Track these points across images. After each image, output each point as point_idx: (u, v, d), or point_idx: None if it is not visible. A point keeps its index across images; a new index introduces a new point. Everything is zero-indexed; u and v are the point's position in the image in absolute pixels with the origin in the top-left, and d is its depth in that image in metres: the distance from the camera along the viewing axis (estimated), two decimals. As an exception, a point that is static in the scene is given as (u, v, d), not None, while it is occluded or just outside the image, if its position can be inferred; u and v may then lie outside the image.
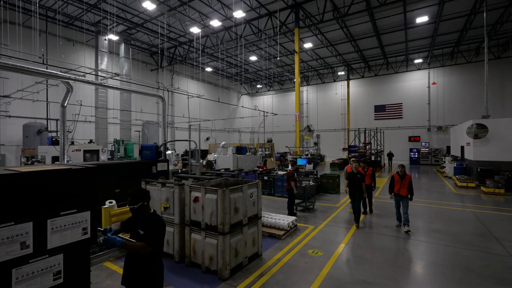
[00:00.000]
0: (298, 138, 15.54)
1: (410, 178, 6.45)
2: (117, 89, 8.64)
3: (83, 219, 2.19)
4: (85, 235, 2.20)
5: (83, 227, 2.19)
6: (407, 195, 6.40)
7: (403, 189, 6.41)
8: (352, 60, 25.96)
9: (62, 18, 16.62)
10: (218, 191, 4.16)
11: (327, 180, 11.34)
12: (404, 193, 6.40)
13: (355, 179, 6.91)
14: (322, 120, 30.89)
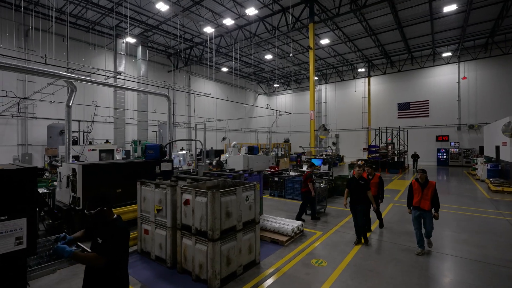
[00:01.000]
0: (312, 138, 14.90)
1: (435, 187, 5.03)
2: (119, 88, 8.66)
3: (16, 227, 1.96)
4: (20, 246, 1.97)
5: (17, 236, 1.96)
6: (430, 208, 4.98)
7: (424, 201, 4.99)
8: (373, 56, 24.68)
9: (83, 23, 17.31)
10: (207, 193, 3.85)
11: (342, 182, 10.68)
12: (427, 206, 4.97)
13: (357, 187, 5.52)
14: (341, 119, 29.74)
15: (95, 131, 18.89)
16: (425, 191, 5.05)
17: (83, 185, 5.75)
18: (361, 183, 5.51)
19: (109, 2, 15.06)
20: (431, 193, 5.01)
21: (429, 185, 5.07)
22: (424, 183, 5.11)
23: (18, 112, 15.44)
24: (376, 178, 6.42)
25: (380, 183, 6.46)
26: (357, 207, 5.51)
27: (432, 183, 5.08)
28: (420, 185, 5.12)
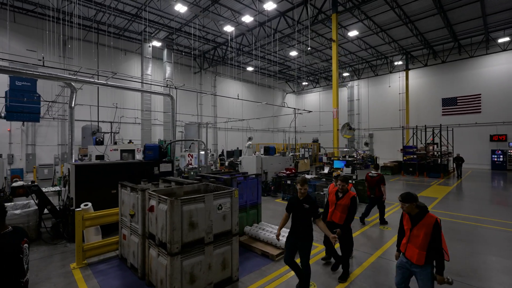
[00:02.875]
0: (336, 138, 13.73)
1: (434, 226, 2.84)
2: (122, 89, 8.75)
3: None
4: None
5: None
6: (425, 263, 2.87)
7: (412, 247, 2.95)
8: (411, 47, 22.20)
9: (113, 30, 18.40)
10: (167, 201, 3.41)
11: (363, 187, 9.51)
12: (415, 257, 2.91)
13: (300, 213, 3.66)
14: (376, 118, 27.43)
15: (124, 131, 20.02)
16: (416, 230, 2.93)
17: (76, 185, 5.76)
18: (305, 208, 3.59)
19: (133, 8, 15.70)
20: (425, 236, 2.84)
21: (424, 220, 2.88)
22: (416, 216, 2.96)
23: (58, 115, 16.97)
24: (346, 199, 4.35)
25: (352, 206, 4.29)
26: (296, 244, 3.64)
27: (430, 218, 2.87)
28: (412, 220, 3.00)
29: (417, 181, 14.89)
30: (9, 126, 15.65)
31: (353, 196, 4.30)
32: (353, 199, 4.27)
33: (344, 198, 4.36)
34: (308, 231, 3.63)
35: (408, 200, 2.97)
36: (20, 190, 6.04)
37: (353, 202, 4.28)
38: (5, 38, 15.09)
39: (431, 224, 2.85)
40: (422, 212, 2.95)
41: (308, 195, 3.74)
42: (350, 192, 4.37)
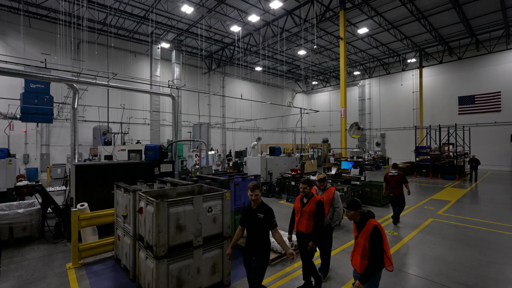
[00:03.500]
0: (343, 138, 13.36)
1: (374, 230, 2.69)
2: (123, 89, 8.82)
3: None
4: None
5: None
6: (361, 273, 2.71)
7: (356, 258, 2.85)
8: (425, 43, 21.39)
9: (123, 33, 18.77)
10: (153, 203, 3.33)
11: (370, 189, 9.19)
12: (362, 268, 2.73)
13: (254, 224, 3.16)
14: (388, 117, 26.64)
15: (134, 132, 20.38)
16: (359, 238, 2.80)
17: (76, 185, 5.83)
18: (259, 218, 3.10)
19: (141, 10, 15.93)
20: (366, 244, 2.69)
21: (365, 227, 2.74)
22: (359, 223, 2.84)
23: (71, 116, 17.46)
24: (311, 204, 3.76)
25: (318, 212, 3.71)
26: (251, 261, 3.14)
27: (369, 225, 2.71)
28: (356, 226, 2.89)
29: (430, 183, 14.29)
30: (25, 127, 16.24)
31: (318, 200, 3.78)
32: (318, 204, 3.74)
33: (309, 204, 3.78)
34: (263, 246, 3.10)
35: (353, 207, 2.84)
36: (24, 189, 6.17)
37: (319, 207, 3.74)
38: (20, 42, 15.67)
39: (369, 230, 2.71)
40: (364, 218, 2.83)
41: (263, 203, 3.22)
42: (315, 196, 3.86)
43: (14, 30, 15.46)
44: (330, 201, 4.22)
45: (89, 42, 17.94)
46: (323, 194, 4.30)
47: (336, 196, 4.25)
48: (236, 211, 5.69)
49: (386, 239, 2.74)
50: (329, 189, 4.36)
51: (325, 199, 4.18)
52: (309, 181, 3.89)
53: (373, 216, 2.86)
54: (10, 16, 15.28)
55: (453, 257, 4.93)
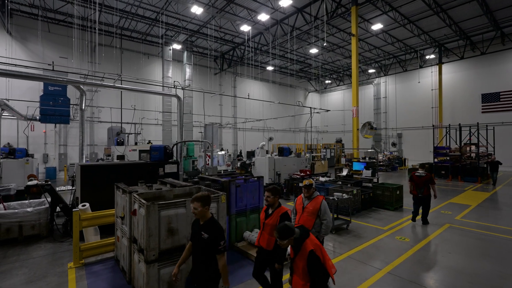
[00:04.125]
0: (355, 138, 12.91)
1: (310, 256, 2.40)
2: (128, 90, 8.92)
3: None
4: None
5: None
6: None
7: (296, 281, 2.53)
8: (445, 38, 20.33)
9: (136, 35, 19.19)
10: (144, 205, 3.26)
11: (382, 191, 8.77)
12: None
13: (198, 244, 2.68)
14: (405, 116, 25.61)
15: (147, 132, 20.79)
16: (297, 260, 2.47)
17: (82, 185, 5.92)
18: (203, 238, 2.56)
19: (153, 13, 16.19)
20: (304, 268, 2.41)
21: (301, 252, 2.43)
22: (295, 247, 2.48)
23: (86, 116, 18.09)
24: (275, 216, 3.29)
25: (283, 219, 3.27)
26: None
27: (304, 250, 2.40)
28: (293, 248, 2.52)
29: (449, 185, 13.53)
30: (44, 128, 16.94)
31: (284, 212, 3.28)
32: (283, 217, 3.22)
33: (272, 216, 3.27)
34: (206, 275, 2.56)
35: (284, 236, 2.38)
36: (34, 188, 6.37)
37: (284, 219, 3.19)
38: (40, 46, 16.38)
39: (305, 256, 2.39)
40: (298, 243, 2.46)
41: (213, 220, 2.64)
42: (281, 207, 3.36)
43: (34, 36, 16.18)
44: (316, 212, 3.71)
45: (104, 45, 18.48)
46: (309, 204, 3.78)
47: (324, 206, 3.72)
48: (238, 214, 5.57)
49: (328, 260, 2.45)
50: (316, 198, 3.80)
51: (311, 210, 3.70)
52: (275, 189, 3.36)
53: (307, 236, 2.47)
54: (30, 22, 15.99)
55: (469, 268, 4.55)
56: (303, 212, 3.78)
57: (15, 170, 10.22)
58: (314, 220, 3.69)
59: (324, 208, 3.71)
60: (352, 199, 7.58)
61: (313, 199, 3.80)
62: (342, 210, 7.62)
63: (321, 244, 3.24)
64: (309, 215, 3.70)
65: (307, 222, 3.67)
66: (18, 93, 15.42)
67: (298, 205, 3.89)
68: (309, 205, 3.77)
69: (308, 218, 3.71)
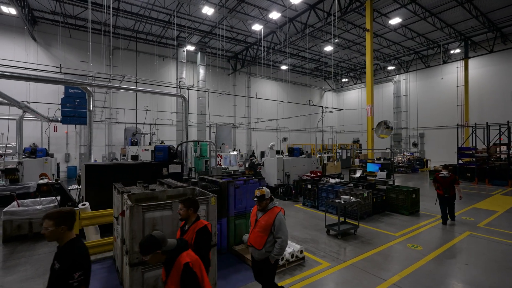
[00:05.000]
0: (370, 138, 12.31)
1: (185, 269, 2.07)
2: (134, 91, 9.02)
3: None
4: None
5: None
6: None
7: None
8: (471, 31, 18.97)
9: (151, 38, 19.67)
10: (128, 207, 3.20)
11: (396, 195, 8.25)
12: None
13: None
14: (428, 115, 24.23)
15: (162, 133, 21.24)
16: (169, 281, 2.13)
17: (86, 184, 6.05)
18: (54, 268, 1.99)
19: (166, 15, 16.49)
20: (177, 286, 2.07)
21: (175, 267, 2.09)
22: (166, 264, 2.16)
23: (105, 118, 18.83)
24: (191, 232, 2.76)
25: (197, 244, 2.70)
26: None
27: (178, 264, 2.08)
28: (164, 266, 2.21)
29: (475, 188, 12.55)
30: (66, 129, 17.80)
31: (201, 228, 2.71)
32: (200, 234, 2.67)
33: (188, 232, 2.75)
34: None
35: (146, 250, 2.01)
36: (44, 187, 6.62)
37: (200, 238, 2.66)
38: (61, 51, 17.25)
39: (179, 270, 2.03)
40: (171, 257, 2.09)
41: (72, 243, 2.03)
42: (199, 222, 2.79)
43: (57, 41, 17.05)
44: (269, 227, 3.09)
45: (121, 48, 19.11)
46: (262, 217, 3.18)
47: (279, 221, 3.09)
48: (237, 216, 5.42)
49: (207, 283, 2.14)
50: (272, 211, 3.19)
51: (263, 224, 3.12)
52: (189, 200, 2.80)
53: (185, 248, 2.13)
54: (53, 29, 16.86)
55: (488, 283, 4.08)
56: (254, 227, 3.22)
57: (35, 169, 10.79)
58: (266, 238, 3.10)
59: (279, 223, 3.08)
60: (362, 203, 7.19)
61: (268, 212, 3.18)
62: (351, 213, 7.24)
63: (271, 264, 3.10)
64: (261, 231, 3.12)
65: (257, 240, 3.13)
66: (42, 96, 16.30)
67: (252, 217, 3.34)
68: (262, 219, 3.17)
69: (258, 235, 3.13)
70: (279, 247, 3.05)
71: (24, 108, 9.97)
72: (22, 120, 11.33)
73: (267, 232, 3.11)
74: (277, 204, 3.30)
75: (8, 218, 5.87)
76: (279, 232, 3.07)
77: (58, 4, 14.82)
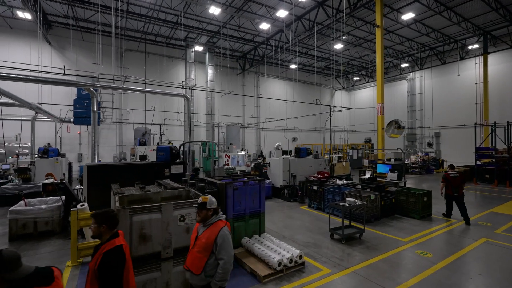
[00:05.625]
0: (380, 138, 11.87)
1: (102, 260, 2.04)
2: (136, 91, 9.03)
3: None
4: None
5: None
6: None
7: None
8: (491, 24, 18.00)
9: (160, 39, 19.91)
10: (115, 209, 3.12)
11: (406, 197, 7.86)
12: None
13: None
14: (443, 113, 23.24)
15: (172, 133, 21.44)
16: None
17: (88, 184, 6.09)
18: None
19: (174, 16, 16.61)
20: None
21: None
22: None
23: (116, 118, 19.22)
24: (96, 258, 2.12)
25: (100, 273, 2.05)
26: None
27: None
28: None
29: (495, 191, 11.86)
30: (79, 130, 18.28)
31: (110, 250, 2.09)
32: (105, 258, 2.05)
33: (94, 258, 2.15)
34: None
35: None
36: (49, 186, 6.74)
37: (106, 261, 2.05)
38: (74, 54, 17.74)
39: None
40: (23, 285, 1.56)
41: None
42: (110, 242, 2.15)
43: (70, 44, 17.55)
44: (210, 246, 2.53)
45: (132, 50, 19.46)
46: (203, 233, 2.60)
47: (221, 238, 2.53)
48: (236, 218, 5.29)
49: None
50: (215, 225, 2.62)
51: (203, 242, 2.54)
52: (101, 215, 2.22)
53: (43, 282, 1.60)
54: (67, 32, 17.35)
55: (503, 296, 3.75)
56: (193, 246, 2.61)
57: (46, 168, 11.09)
58: (206, 260, 2.52)
59: (222, 241, 2.52)
60: (369, 205, 6.88)
61: (211, 227, 2.62)
62: (358, 217, 6.96)
63: None
64: (200, 251, 2.54)
65: (195, 262, 2.53)
66: (56, 98, 16.79)
67: (193, 233, 2.77)
68: (202, 236, 2.60)
69: (197, 256, 2.54)
70: (222, 271, 2.47)
71: (36, 109, 10.26)
72: (35, 121, 11.68)
73: (207, 253, 2.53)
74: (223, 217, 2.75)
75: (13, 217, 6.00)
76: (221, 251, 2.50)
77: (70, 8, 15.21)
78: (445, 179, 7.39)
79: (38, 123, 15.94)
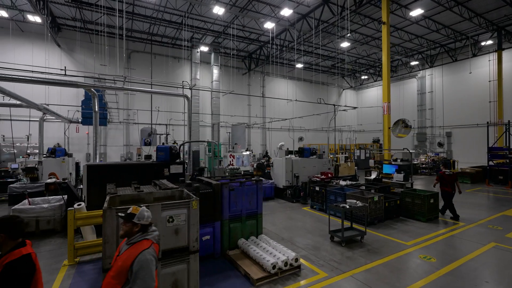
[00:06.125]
0: (386, 137, 11.55)
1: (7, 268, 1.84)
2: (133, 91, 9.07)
3: None
4: None
5: None
6: None
7: None
8: (506, 19, 17.30)
9: (166, 40, 20.07)
10: (103, 209, 3.09)
11: (412, 199, 7.60)
12: None
13: None
14: (455, 112, 22.52)
15: (178, 133, 21.59)
16: None
17: (88, 184, 6.14)
18: None
19: (179, 17, 16.70)
20: None
21: None
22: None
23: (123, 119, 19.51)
24: None
25: None
26: None
27: None
28: None
29: (509, 193, 11.38)
30: (87, 130, 18.62)
31: (11, 262, 1.88)
32: (8, 268, 1.86)
33: None
34: None
35: None
36: (52, 186, 6.84)
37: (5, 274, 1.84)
38: (83, 56, 18.09)
39: None
40: None
41: None
42: (12, 253, 1.94)
43: (79, 46, 17.91)
44: (125, 272, 2.05)
45: (138, 51, 19.70)
46: (124, 253, 2.16)
47: (139, 264, 2.02)
48: (232, 219, 5.21)
49: None
50: (138, 245, 2.16)
51: (119, 266, 2.08)
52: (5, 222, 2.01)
53: None
54: (75, 34, 17.72)
55: (510, 305, 3.52)
56: (112, 267, 2.18)
57: (53, 168, 11.31)
58: (120, 287, 2.05)
59: (139, 269, 2.00)
60: (372, 207, 6.68)
61: (133, 246, 2.17)
62: (360, 218, 6.77)
63: None
64: (114, 276, 2.07)
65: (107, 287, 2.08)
66: (65, 99, 17.16)
67: (116, 251, 2.38)
68: (121, 256, 2.16)
69: (109, 282, 2.07)
70: None
71: (43, 110, 10.49)
72: (43, 121, 11.94)
73: (122, 278, 2.04)
74: (151, 236, 2.26)
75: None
76: (136, 282, 1.97)
77: (78, 11, 15.50)
78: (441, 178, 7.83)
79: (47, 124, 16.36)
